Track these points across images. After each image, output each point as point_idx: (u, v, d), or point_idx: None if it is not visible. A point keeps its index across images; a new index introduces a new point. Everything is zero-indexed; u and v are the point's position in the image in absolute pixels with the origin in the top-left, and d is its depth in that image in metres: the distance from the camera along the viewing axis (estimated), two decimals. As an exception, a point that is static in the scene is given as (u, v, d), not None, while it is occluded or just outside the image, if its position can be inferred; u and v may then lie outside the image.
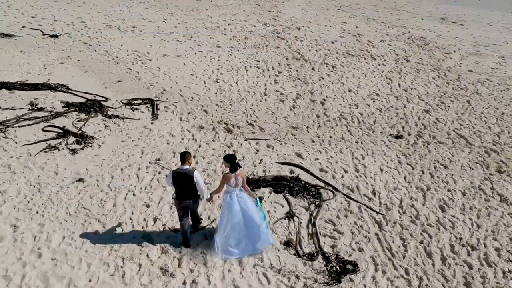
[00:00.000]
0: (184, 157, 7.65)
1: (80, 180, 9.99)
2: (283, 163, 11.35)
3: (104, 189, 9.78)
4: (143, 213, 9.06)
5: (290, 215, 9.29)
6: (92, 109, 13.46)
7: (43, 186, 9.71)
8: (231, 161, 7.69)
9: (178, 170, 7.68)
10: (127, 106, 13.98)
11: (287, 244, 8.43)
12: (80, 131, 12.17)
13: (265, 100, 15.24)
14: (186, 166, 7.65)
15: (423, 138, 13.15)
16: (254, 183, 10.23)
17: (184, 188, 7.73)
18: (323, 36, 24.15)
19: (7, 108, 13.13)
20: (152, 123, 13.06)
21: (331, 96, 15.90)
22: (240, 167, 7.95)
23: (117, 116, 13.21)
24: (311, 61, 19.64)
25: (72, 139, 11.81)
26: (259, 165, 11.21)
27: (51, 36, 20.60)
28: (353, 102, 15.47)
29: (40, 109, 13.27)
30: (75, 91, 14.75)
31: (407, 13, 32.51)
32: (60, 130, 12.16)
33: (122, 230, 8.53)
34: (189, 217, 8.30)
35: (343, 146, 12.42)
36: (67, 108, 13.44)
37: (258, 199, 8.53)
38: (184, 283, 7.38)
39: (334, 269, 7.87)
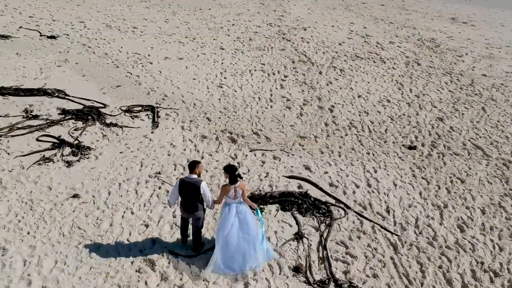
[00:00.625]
0: (193, 166, 7.46)
1: (75, 196, 9.50)
2: (290, 177, 10.84)
3: (101, 206, 9.28)
4: (142, 234, 8.56)
5: (299, 236, 8.77)
6: (89, 117, 12.95)
7: (35, 203, 9.22)
8: (231, 173, 7.44)
9: (185, 179, 7.46)
10: (126, 114, 13.48)
11: (297, 269, 7.92)
12: (76, 141, 11.65)
13: (271, 106, 14.72)
14: (194, 176, 7.44)
15: (438, 149, 12.61)
16: (260, 200, 9.72)
17: (190, 198, 7.53)
18: (330, 37, 23.59)
19: (0, 116, 12.62)
20: (152, 132, 12.56)
21: (340, 103, 15.36)
22: (241, 178, 7.65)
23: (116, 125, 12.72)
24: (318, 64, 19.11)
25: (68, 149, 11.29)
26: (265, 179, 10.69)
27: (48, 37, 20.11)
28: (363, 109, 14.92)
29: (35, 117, 12.79)
30: (72, 97, 14.26)
31: (416, 13, 31.91)
32: (55, 140, 11.65)
33: (119, 254, 8.00)
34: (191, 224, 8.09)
35: (354, 158, 11.89)
36: (63, 116, 12.95)
37: (258, 210, 8.15)
38: (185, 316, 6.88)
39: (348, 299, 7.35)
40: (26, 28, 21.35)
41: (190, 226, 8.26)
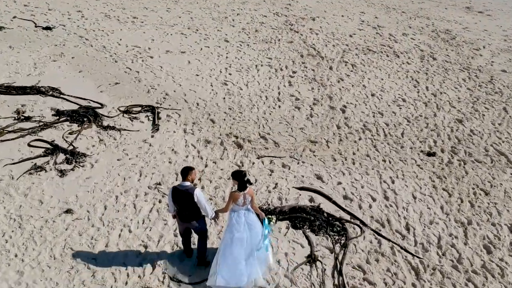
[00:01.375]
0: (185, 173, 7.04)
1: (68, 211, 8.88)
2: (301, 189, 10.18)
3: (96, 223, 8.66)
4: (140, 256, 7.93)
5: (312, 259, 8.13)
6: (85, 119, 12.26)
7: (25, 219, 8.60)
8: (240, 179, 7.05)
9: (178, 187, 7.05)
10: (124, 115, 12.78)
11: (310, 300, 7.28)
12: (71, 146, 11.00)
13: (279, 107, 13.99)
14: (187, 183, 6.99)
15: (458, 155, 11.90)
16: (269, 216, 9.02)
17: (185, 207, 7.10)
18: (340, 29, 22.73)
19: (-10, 118, 12.00)
20: (152, 136, 11.90)
21: (352, 102, 14.61)
22: (251, 184, 7.25)
23: (114, 128, 12.05)
24: (328, 59, 18.31)
25: (61, 156, 10.64)
26: (274, 190, 10.03)
27: (44, 28, 19.34)
28: (377, 110, 14.18)
29: (27, 118, 12.12)
30: (68, 95, 13.57)
31: (429, 1, 30.87)
32: (48, 146, 11.00)
33: (115, 280, 7.38)
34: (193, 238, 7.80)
35: (369, 166, 11.20)
36: (57, 118, 12.27)
37: (266, 219, 7.70)
38: None
39: (368, 337, 6.73)
40: (20, 18, 20.58)
41: (192, 242, 7.89)
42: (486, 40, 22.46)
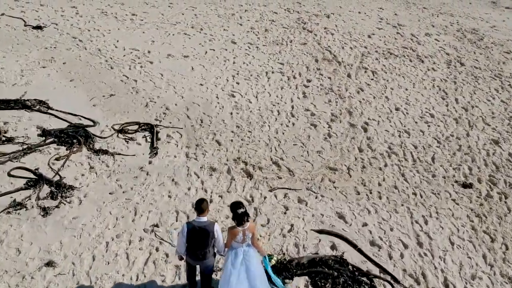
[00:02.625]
0: (202, 206, 6.48)
1: (49, 264, 7.82)
2: (321, 232, 9.05)
3: (82, 280, 7.59)
4: (133, 327, 6.84)
5: (336, 331, 7.00)
6: (75, 140, 11.15)
7: (-2, 276, 7.51)
8: (234, 212, 6.48)
9: (194, 225, 6.49)
10: (119, 135, 11.66)
11: None
12: (57, 176, 9.89)
13: (293, 124, 12.82)
14: (204, 218, 6.51)
15: (498, 187, 10.74)
16: (284, 271, 7.93)
17: (200, 245, 6.58)
18: (357, 28, 21.42)
19: (-33, 139, 10.91)
20: (150, 162, 10.76)
21: (375, 118, 13.41)
22: (249, 217, 6.53)
23: (106, 152, 10.93)
24: (345, 64, 17.07)
25: (46, 189, 9.54)
26: (289, 234, 8.92)
27: (34, 27, 18.18)
28: (403, 128, 12.98)
29: (10, 140, 11.00)
30: (56, 111, 12.45)
31: (451, -5, 29.38)
32: (31, 175, 9.90)
33: None
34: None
35: (398, 201, 10.05)
36: (43, 139, 11.16)
37: (266, 258, 7.17)
38: None
39: None
40: (9, 16, 19.39)
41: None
42: (517, 41, 21.11)
